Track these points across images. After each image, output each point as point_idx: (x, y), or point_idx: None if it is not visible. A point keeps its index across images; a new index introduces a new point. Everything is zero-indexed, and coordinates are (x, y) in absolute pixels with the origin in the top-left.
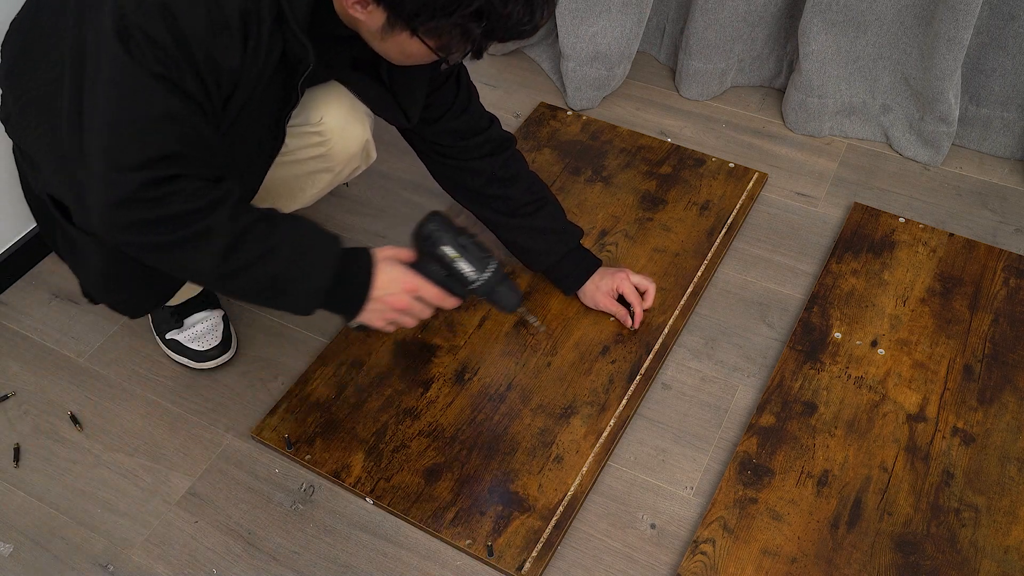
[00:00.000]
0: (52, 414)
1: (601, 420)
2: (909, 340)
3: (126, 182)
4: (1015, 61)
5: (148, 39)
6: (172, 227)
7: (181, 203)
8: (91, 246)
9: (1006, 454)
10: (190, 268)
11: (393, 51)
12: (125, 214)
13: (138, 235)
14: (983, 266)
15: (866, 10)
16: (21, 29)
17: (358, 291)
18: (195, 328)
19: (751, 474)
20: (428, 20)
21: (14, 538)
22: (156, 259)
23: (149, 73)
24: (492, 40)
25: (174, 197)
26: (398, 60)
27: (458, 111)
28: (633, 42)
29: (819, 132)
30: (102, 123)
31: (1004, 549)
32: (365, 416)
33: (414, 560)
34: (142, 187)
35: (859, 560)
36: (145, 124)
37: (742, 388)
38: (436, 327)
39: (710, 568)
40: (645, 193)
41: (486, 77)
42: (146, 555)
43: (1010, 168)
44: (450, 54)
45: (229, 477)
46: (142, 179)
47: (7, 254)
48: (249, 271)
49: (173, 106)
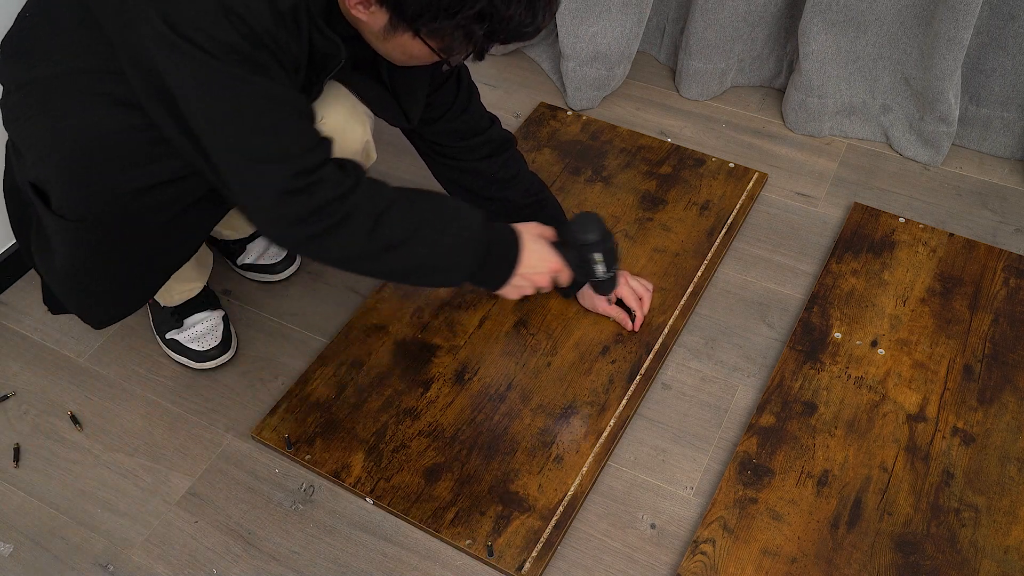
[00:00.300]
0: (52, 414)
1: (601, 420)
2: (909, 340)
3: (277, 174)
4: (1015, 61)
5: (218, 41)
6: (323, 216)
7: (328, 190)
8: (60, 241)
9: (1006, 454)
10: (338, 254)
11: (395, 52)
12: (287, 208)
13: (301, 227)
14: (983, 266)
15: (866, 10)
16: (25, 20)
17: (505, 267)
18: (195, 328)
19: (751, 474)
20: (430, 21)
21: (14, 538)
22: (315, 248)
23: (237, 73)
24: (494, 42)
25: (321, 184)
26: (400, 61)
27: (458, 111)
28: (633, 42)
29: (819, 132)
30: (232, 135)
31: (1004, 549)
32: (365, 416)
33: (414, 560)
34: (294, 177)
35: (859, 560)
36: (271, 117)
37: (742, 388)
38: (436, 327)
39: (710, 568)
40: (645, 193)
41: (486, 77)
42: (146, 555)
43: (1010, 168)
44: (452, 55)
45: (229, 477)
46: (290, 169)
47: (7, 254)
48: (395, 252)
49: (281, 92)
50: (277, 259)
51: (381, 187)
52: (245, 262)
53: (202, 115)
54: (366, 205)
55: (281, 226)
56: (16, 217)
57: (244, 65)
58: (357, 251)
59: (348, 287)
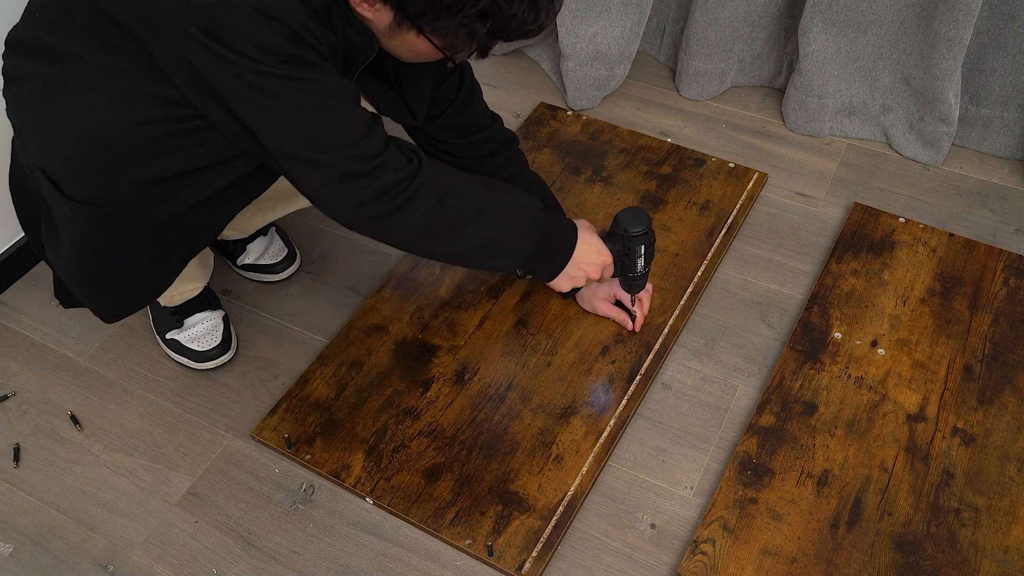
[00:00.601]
0: (52, 414)
1: (601, 420)
2: (909, 340)
3: (340, 161)
4: (1015, 61)
5: (261, 46)
6: (389, 197)
7: (393, 172)
8: (73, 230)
9: (1006, 454)
10: (402, 234)
11: (401, 49)
12: (353, 193)
13: (367, 208)
14: (983, 266)
15: (866, 10)
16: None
17: (561, 254)
18: (195, 328)
19: (751, 474)
20: (434, 19)
21: (14, 538)
22: (380, 229)
23: (286, 73)
24: (497, 40)
25: (386, 167)
26: (406, 58)
27: (460, 107)
28: (633, 42)
29: (819, 132)
30: (290, 132)
31: (1004, 549)
32: (365, 416)
33: (414, 560)
34: (357, 161)
35: (859, 560)
36: (327, 109)
37: (742, 388)
38: (436, 327)
39: (710, 568)
40: (645, 193)
41: (486, 77)
42: (146, 555)
43: (1010, 168)
44: (456, 53)
45: (229, 477)
46: (352, 155)
47: (7, 254)
48: (457, 232)
49: (331, 83)
50: (277, 259)
51: (443, 169)
52: (245, 262)
53: (257, 116)
54: (430, 186)
55: (348, 209)
56: (24, 209)
57: (291, 65)
58: (420, 231)
59: (348, 287)
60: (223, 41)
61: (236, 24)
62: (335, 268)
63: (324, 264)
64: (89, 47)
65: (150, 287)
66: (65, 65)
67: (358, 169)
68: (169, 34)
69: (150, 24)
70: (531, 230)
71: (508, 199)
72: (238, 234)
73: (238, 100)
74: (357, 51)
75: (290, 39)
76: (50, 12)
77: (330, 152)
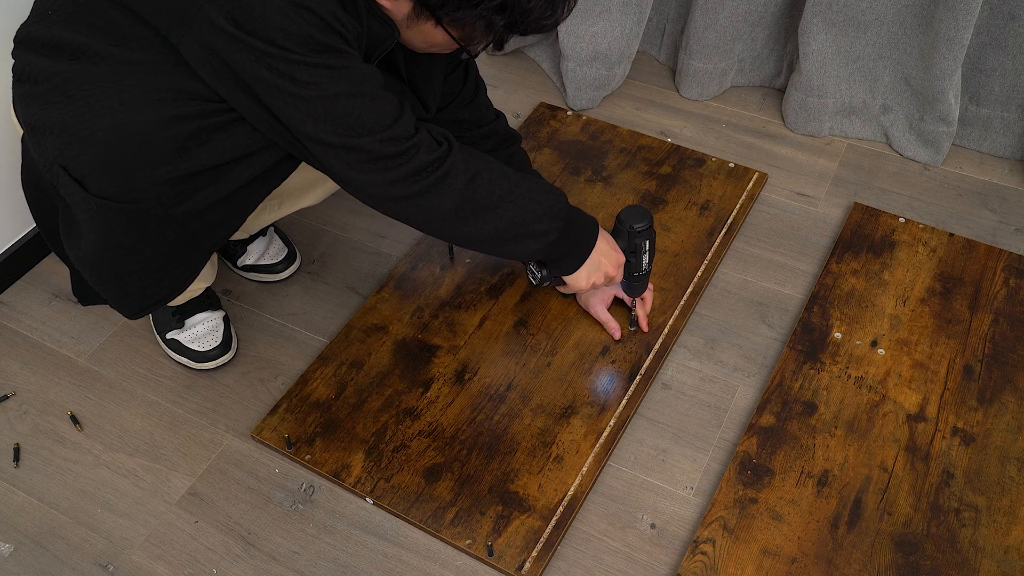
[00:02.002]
0: (52, 414)
1: (601, 420)
2: (909, 340)
3: (372, 145)
4: (1015, 61)
5: (293, 35)
6: (421, 176)
7: (425, 153)
8: (96, 226)
9: (1006, 454)
10: (431, 214)
11: (417, 39)
12: (386, 173)
13: (398, 187)
14: (983, 266)
15: (866, 10)
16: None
17: (583, 246)
18: (196, 328)
19: (751, 474)
20: (453, 11)
21: (14, 538)
22: (410, 209)
23: (317, 61)
24: (514, 33)
25: (419, 148)
26: (421, 48)
27: (464, 101)
28: (633, 42)
29: (819, 132)
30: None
31: (1004, 549)
32: (365, 416)
33: (414, 560)
34: (390, 143)
35: (859, 560)
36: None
37: (742, 388)
38: (436, 327)
39: (710, 568)
40: (645, 193)
41: (486, 77)
42: (146, 555)
43: (1010, 168)
44: (472, 44)
45: (229, 477)
46: (385, 138)
47: (7, 254)
48: (485, 213)
49: (360, 70)
50: (277, 259)
51: (473, 152)
52: (245, 263)
53: (288, 105)
54: (462, 166)
55: (381, 188)
56: (39, 206)
57: (322, 53)
58: (452, 210)
59: (348, 287)
60: (252, 31)
61: (266, 14)
62: (335, 268)
63: (324, 264)
64: (109, 43)
65: (175, 282)
66: (83, 62)
67: (393, 150)
68: (195, 26)
69: (175, 17)
70: (559, 213)
71: (536, 182)
72: (242, 233)
73: (269, 90)
74: (377, 40)
75: (319, 27)
76: (66, 9)
77: (365, 136)
